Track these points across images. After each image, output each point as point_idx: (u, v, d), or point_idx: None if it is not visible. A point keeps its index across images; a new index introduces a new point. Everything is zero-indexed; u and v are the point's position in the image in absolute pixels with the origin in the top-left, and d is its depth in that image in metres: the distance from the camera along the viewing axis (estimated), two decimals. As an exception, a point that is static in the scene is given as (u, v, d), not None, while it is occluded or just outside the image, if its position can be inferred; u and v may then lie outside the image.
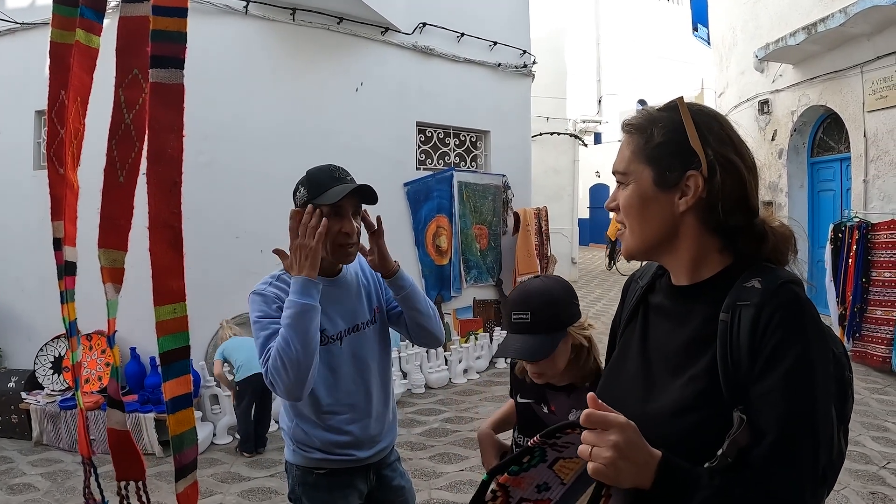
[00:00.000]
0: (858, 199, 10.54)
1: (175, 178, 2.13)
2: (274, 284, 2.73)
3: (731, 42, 15.17)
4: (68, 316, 2.66)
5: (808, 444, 1.33)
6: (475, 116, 10.78)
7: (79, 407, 2.76)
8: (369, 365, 2.89)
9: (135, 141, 2.38)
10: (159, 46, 2.12)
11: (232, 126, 7.76)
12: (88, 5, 2.59)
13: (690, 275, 1.60)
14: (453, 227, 10.11)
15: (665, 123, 1.56)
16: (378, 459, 2.94)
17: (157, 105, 2.11)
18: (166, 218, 2.14)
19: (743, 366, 1.39)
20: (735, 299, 1.45)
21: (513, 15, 11.45)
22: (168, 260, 2.17)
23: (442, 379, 9.12)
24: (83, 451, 2.75)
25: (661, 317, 1.69)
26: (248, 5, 7.86)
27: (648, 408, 1.53)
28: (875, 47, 10.04)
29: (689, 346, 1.53)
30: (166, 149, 2.11)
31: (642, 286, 1.80)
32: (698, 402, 1.44)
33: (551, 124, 19.04)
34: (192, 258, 7.01)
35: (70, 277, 2.66)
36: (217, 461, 6.48)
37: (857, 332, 9.38)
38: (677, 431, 1.44)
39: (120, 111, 2.40)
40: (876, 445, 6.53)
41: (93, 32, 2.64)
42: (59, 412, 6.73)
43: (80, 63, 2.58)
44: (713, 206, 1.50)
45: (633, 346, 1.72)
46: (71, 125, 2.57)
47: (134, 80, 2.37)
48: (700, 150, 1.50)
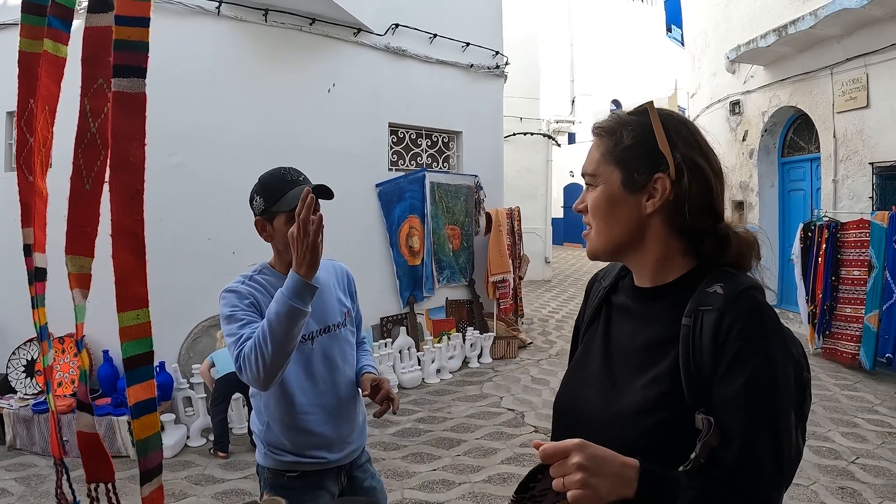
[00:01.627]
0: (828, 199, 10.66)
1: (137, 185, 2.15)
2: (247, 283, 2.76)
3: (704, 43, 15.29)
4: (39, 321, 2.68)
5: (773, 447, 1.37)
6: (447, 117, 10.84)
7: (50, 409, 2.77)
8: (339, 366, 2.92)
9: (100, 149, 2.39)
10: (122, 56, 2.14)
11: (204, 127, 7.75)
12: (56, 15, 2.61)
13: (654, 277, 1.64)
14: (426, 227, 10.16)
15: (634, 127, 1.59)
16: (349, 461, 2.97)
17: (119, 114, 2.13)
18: (129, 225, 2.16)
19: (705, 370, 1.43)
20: (697, 304, 1.49)
21: (485, 16, 11.51)
22: (131, 266, 2.18)
23: (415, 379, 9.15)
24: (55, 452, 2.77)
25: (624, 317, 1.72)
26: (221, 6, 7.86)
27: (612, 408, 1.57)
28: (845, 49, 10.16)
29: (651, 347, 1.57)
30: (128, 157, 2.13)
31: (605, 286, 1.83)
32: (660, 403, 1.47)
33: (525, 124, 19.07)
34: (164, 260, 7.02)
35: (40, 283, 2.67)
36: (191, 463, 6.48)
37: (827, 329, 9.55)
38: (640, 432, 1.47)
39: (85, 120, 2.42)
40: (845, 441, 6.65)
41: (60, 42, 2.66)
42: (32, 416, 6.67)
43: (48, 72, 2.60)
44: (679, 208, 1.54)
45: (596, 346, 1.75)
46: (39, 133, 2.59)
47: (99, 89, 2.38)
48: (668, 153, 1.54)
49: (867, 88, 9.80)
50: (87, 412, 2.57)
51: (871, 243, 8.83)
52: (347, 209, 8.80)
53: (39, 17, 2.62)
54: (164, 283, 6.66)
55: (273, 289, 2.75)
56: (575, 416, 1.68)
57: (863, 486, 5.65)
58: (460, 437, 7.01)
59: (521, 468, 6.15)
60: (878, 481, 5.74)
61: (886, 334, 8.62)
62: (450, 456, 6.51)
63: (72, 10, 2.69)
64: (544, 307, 15.42)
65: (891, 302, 8.57)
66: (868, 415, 7.44)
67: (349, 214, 8.87)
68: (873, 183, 9.75)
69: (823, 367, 9.34)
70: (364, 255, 9.36)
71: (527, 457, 6.40)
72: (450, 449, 6.69)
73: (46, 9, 2.62)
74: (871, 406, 7.74)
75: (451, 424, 7.44)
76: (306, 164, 3.17)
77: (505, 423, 7.46)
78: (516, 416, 7.74)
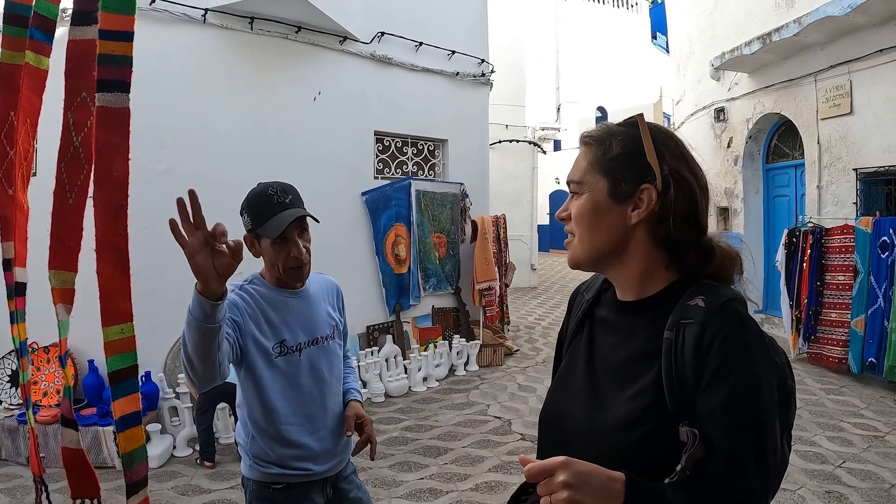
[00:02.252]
0: (812, 205, 10.72)
1: (121, 200, 2.14)
2: (236, 293, 2.77)
3: (689, 51, 15.36)
4: (19, 336, 2.67)
5: (758, 456, 1.38)
6: (433, 125, 10.84)
7: (29, 425, 2.76)
8: (326, 378, 2.94)
9: (83, 163, 2.39)
10: (105, 70, 2.13)
11: (190, 134, 7.73)
12: (38, 26, 2.60)
13: (637, 290, 1.65)
14: (411, 235, 10.16)
15: (623, 137, 1.61)
16: (334, 473, 2.99)
17: (103, 129, 2.12)
18: (113, 240, 2.15)
19: (688, 382, 1.44)
20: (679, 317, 1.50)
21: (471, 24, 11.51)
22: (115, 281, 2.17)
23: (401, 387, 9.13)
24: (34, 469, 2.76)
25: (607, 331, 1.73)
26: (206, 14, 7.85)
27: (596, 421, 1.57)
28: (828, 56, 10.23)
29: (634, 360, 1.58)
30: (112, 172, 2.12)
31: (588, 299, 1.84)
32: (644, 416, 1.48)
33: (510, 132, 19.11)
34: (150, 268, 7.00)
35: (20, 298, 2.66)
36: (177, 474, 6.45)
37: (813, 334, 9.60)
38: (625, 445, 1.48)
39: (69, 133, 2.41)
40: (832, 445, 6.69)
41: (42, 54, 2.65)
42: (17, 426, 6.61)
43: (30, 84, 2.59)
44: (664, 219, 1.56)
45: (580, 359, 1.75)
46: (20, 146, 2.58)
47: (82, 102, 2.38)
48: (656, 164, 1.56)
49: (851, 95, 9.86)
50: (72, 428, 2.56)
51: (855, 249, 8.90)
52: (333, 218, 8.79)
53: (21, 28, 2.61)
54: (150, 291, 6.64)
55: (262, 299, 2.79)
56: (560, 431, 1.69)
57: (849, 491, 5.68)
58: (447, 446, 7.00)
59: (509, 476, 6.15)
60: (865, 485, 5.77)
61: (871, 339, 8.67)
62: (437, 464, 6.51)
63: (54, 22, 2.68)
64: (531, 314, 15.42)
65: (875, 307, 8.63)
66: (854, 419, 7.48)
67: (335, 223, 8.87)
68: (857, 189, 9.80)
69: (809, 371, 9.39)
70: (350, 263, 9.34)
71: (514, 465, 6.40)
72: (437, 457, 6.68)
73: (28, 20, 2.61)
74: (856, 410, 7.78)
75: (437, 433, 7.43)
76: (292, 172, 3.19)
77: (492, 431, 7.45)
78: (503, 423, 7.73)
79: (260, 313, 2.78)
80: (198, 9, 7.78)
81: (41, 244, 2.72)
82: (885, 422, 7.35)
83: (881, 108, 9.36)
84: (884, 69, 9.28)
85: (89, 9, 2.36)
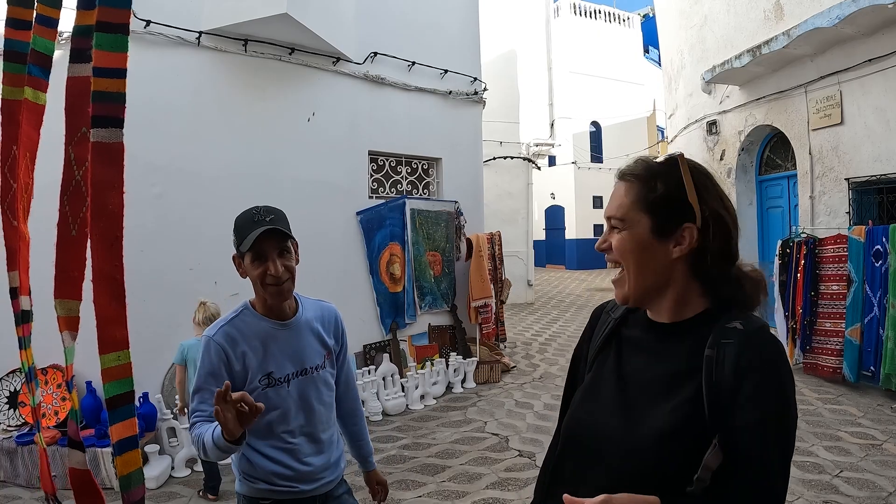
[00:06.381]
0: (806, 215, 10.81)
1: (116, 233, 2.20)
2: (224, 329, 2.80)
3: (680, 65, 15.47)
4: (27, 361, 2.73)
5: (783, 473, 1.52)
6: (427, 144, 10.92)
7: (41, 447, 2.82)
8: (315, 408, 2.95)
9: (85, 196, 2.43)
10: (100, 107, 2.19)
11: (184, 157, 7.80)
12: (35, 63, 2.66)
13: (672, 314, 1.75)
14: (406, 254, 10.23)
15: (666, 178, 1.71)
16: (323, 492, 3.00)
17: (98, 163, 2.18)
18: (109, 271, 2.20)
19: (724, 396, 1.54)
20: (720, 337, 1.60)
21: (463, 43, 11.62)
22: (111, 311, 2.23)
23: (399, 406, 9.15)
24: (46, 487, 2.83)
25: (637, 349, 1.82)
26: (201, 37, 7.94)
27: (632, 432, 1.65)
28: (818, 68, 10.34)
29: (672, 377, 1.67)
30: (107, 205, 2.18)
31: (615, 318, 1.93)
32: (684, 428, 1.57)
33: (504, 148, 19.21)
34: (146, 290, 7.04)
35: (26, 325, 2.72)
36: (176, 494, 6.46)
37: (808, 344, 9.63)
38: (661, 456, 1.57)
39: (70, 168, 2.47)
40: (829, 455, 6.72)
41: (39, 89, 2.71)
42: (16, 448, 6.62)
43: (28, 119, 2.65)
44: (703, 254, 1.68)
45: (608, 375, 1.83)
46: (22, 180, 2.64)
47: (83, 137, 2.43)
48: (697, 205, 1.66)
49: (841, 105, 9.97)
50: (79, 449, 2.61)
51: (849, 258, 8.95)
52: (328, 238, 8.87)
53: (20, 65, 2.67)
54: (146, 313, 6.69)
55: (252, 333, 2.82)
56: (591, 441, 1.76)
57: (847, 500, 5.71)
58: (445, 463, 7.01)
59: (507, 493, 6.17)
60: (862, 494, 5.80)
61: (869, 347, 8.71)
62: (435, 482, 6.52)
63: (50, 58, 2.74)
64: (527, 330, 15.42)
65: (871, 315, 8.66)
66: (851, 428, 7.51)
67: (329, 243, 8.96)
68: (849, 198, 9.90)
69: (805, 381, 9.42)
70: (345, 283, 9.41)
71: (512, 481, 6.42)
72: (435, 475, 6.70)
73: (27, 56, 2.67)
74: (853, 419, 7.81)
75: (435, 450, 7.45)
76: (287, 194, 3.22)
77: (489, 448, 7.46)
78: (501, 440, 7.75)
79: (248, 347, 2.80)
80: (192, 31, 7.87)
81: (38, 272, 2.79)
82: (882, 430, 7.38)
83: (871, 117, 9.46)
84: (873, 79, 9.39)
85: (84, 47, 2.43)
